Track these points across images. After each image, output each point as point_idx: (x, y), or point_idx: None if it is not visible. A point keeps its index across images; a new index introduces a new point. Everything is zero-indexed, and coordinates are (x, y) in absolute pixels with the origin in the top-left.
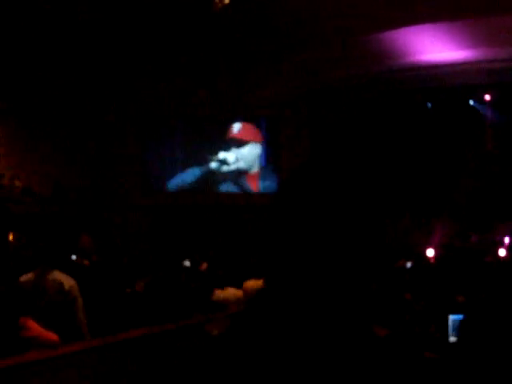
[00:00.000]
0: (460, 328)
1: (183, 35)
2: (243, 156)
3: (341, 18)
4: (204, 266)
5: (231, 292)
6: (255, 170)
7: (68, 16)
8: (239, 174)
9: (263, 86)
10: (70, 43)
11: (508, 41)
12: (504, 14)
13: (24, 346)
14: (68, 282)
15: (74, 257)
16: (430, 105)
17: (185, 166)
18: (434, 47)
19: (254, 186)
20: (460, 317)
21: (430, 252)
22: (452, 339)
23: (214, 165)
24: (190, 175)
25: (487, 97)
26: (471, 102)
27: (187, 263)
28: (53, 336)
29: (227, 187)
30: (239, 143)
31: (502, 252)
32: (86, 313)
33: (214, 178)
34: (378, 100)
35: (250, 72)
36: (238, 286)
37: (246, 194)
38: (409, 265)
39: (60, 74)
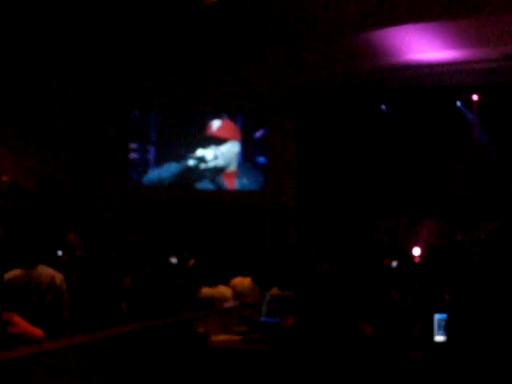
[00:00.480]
0: (446, 327)
1: (166, 28)
2: (221, 154)
3: (329, 16)
4: (191, 262)
5: (218, 289)
6: (233, 167)
7: (53, 10)
8: (216, 172)
9: (246, 82)
10: (56, 37)
11: (496, 41)
12: (492, 14)
13: (10, 341)
14: (59, 276)
15: (59, 252)
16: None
17: (162, 162)
18: (422, 47)
19: (231, 183)
20: (445, 316)
21: (417, 251)
22: (437, 338)
23: (191, 162)
24: (166, 171)
25: (475, 97)
26: (458, 103)
27: (174, 260)
28: (38, 332)
29: (204, 185)
30: (218, 141)
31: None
32: (74, 309)
33: (191, 175)
34: (364, 99)
35: (233, 67)
36: (225, 283)
37: (223, 192)
38: (395, 264)
39: (42, 70)
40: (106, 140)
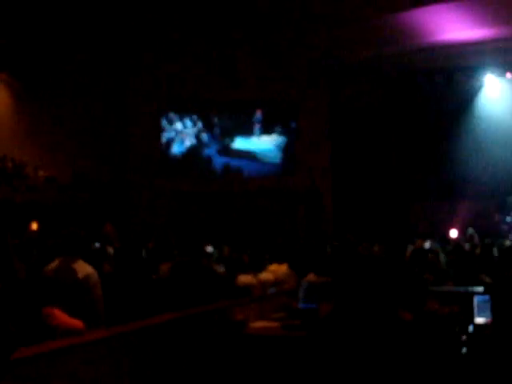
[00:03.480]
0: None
1: (201, 20)
2: (264, 143)
3: None
4: (227, 251)
5: (257, 276)
6: (275, 157)
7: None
8: (258, 161)
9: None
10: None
11: None
12: None
13: (50, 334)
14: (84, 270)
15: (97, 244)
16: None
17: (207, 152)
18: (454, 26)
19: (273, 171)
20: (486, 297)
21: (454, 233)
22: (478, 320)
23: (235, 151)
24: (213, 161)
25: (508, 75)
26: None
27: (210, 249)
28: (78, 323)
29: (249, 173)
30: (261, 131)
31: None
32: (111, 300)
33: (235, 163)
34: (398, 80)
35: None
36: (261, 270)
37: (256, 179)
38: (427, 245)
39: (76, 67)
40: (139, 133)
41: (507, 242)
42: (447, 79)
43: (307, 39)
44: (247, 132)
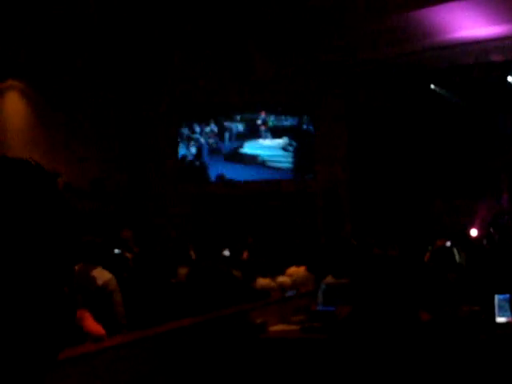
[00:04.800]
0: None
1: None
2: (275, 146)
3: None
4: (245, 254)
5: (276, 279)
6: (285, 162)
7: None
8: (267, 164)
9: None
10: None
11: None
12: None
13: (82, 336)
14: (103, 277)
15: (116, 250)
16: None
17: (222, 156)
18: (468, 24)
19: (283, 175)
20: (506, 296)
21: (474, 232)
22: (499, 319)
23: (245, 154)
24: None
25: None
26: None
27: (227, 252)
28: (100, 329)
29: (258, 176)
30: (272, 134)
31: None
32: (131, 305)
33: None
34: (413, 79)
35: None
36: (279, 273)
37: (273, 181)
38: (448, 243)
39: (91, 72)
40: (156, 140)
41: None
42: (466, 76)
43: (324, 40)
44: (256, 136)
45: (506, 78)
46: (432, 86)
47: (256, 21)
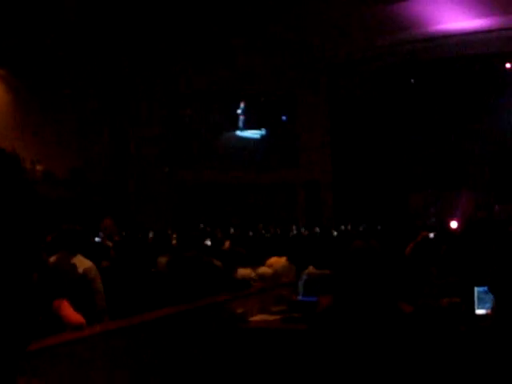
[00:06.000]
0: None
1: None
2: (250, 137)
3: None
4: (227, 244)
5: (257, 270)
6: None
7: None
8: (247, 155)
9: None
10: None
11: None
12: None
13: (60, 325)
14: (83, 265)
15: (97, 239)
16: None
17: (208, 144)
18: (452, 16)
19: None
20: (486, 288)
21: (454, 224)
22: (478, 311)
23: (225, 144)
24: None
25: (508, 65)
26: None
27: (208, 242)
28: (79, 318)
29: (238, 167)
30: (252, 125)
31: None
32: (112, 294)
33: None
34: (395, 71)
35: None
36: (260, 263)
37: (256, 172)
38: (432, 235)
39: (76, 60)
40: (138, 126)
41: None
42: (447, 69)
43: (307, 32)
44: (233, 126)
45: (488, 71)
46: (412, 81)
47: (239, 9)
